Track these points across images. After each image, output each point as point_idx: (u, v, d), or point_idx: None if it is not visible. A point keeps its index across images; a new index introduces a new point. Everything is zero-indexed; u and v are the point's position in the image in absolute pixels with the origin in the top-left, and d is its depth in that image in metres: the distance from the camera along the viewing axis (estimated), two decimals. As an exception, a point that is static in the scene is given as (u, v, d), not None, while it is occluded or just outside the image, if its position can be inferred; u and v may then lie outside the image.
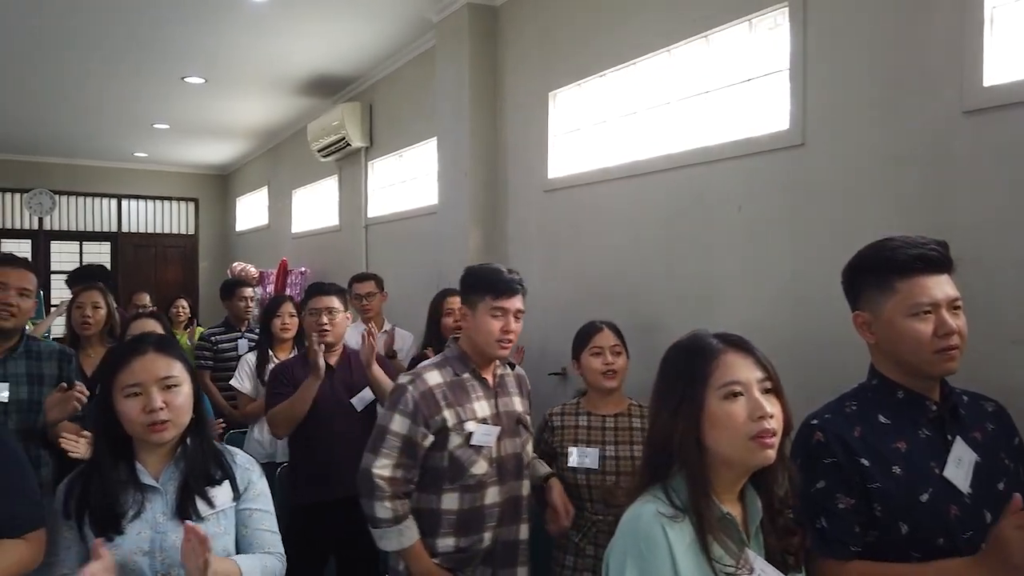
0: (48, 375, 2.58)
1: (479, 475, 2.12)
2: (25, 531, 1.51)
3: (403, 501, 2.08)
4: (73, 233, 9.78)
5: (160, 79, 5.87)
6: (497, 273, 2.17)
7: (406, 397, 2.09)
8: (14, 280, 2.48)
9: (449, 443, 2.10)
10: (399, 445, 2.06)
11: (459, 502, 2.12)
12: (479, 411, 2.16)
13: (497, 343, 2.15)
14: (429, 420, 2.08)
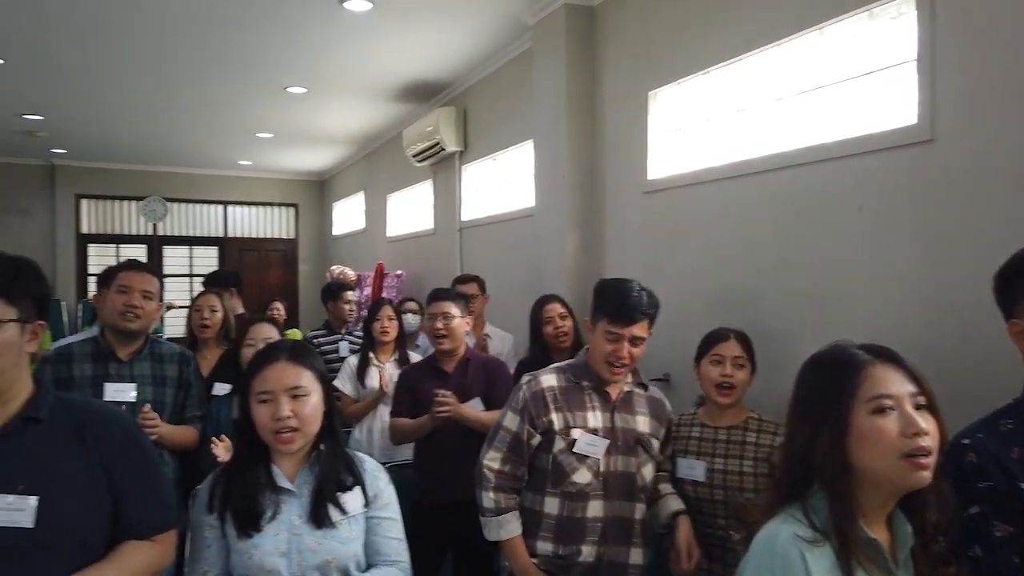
0: (170, 376, 2.70)
1: (581, 484, 2.10)
2: (156, 533, 1.55)
3: (508, 495, 2.14)
4: (184, 238, 10.32)
5: (264, 90, 6.10)
6: (621, 296, 2.11)
7: (520, 395, 2.18)
8: (137, 283, 2.60)
9: (554, 446, 2.11)
10: (508, 440, 2.14)
11: (559, 508, 2.11)
12: (590, 421, 2.14)
13: (607, 365, 2.13)
14: (536, 420, 2.13)
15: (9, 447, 1.42)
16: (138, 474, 1.54)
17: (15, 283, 1.43)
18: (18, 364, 1.45)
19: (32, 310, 1.46)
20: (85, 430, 1.49)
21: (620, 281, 2.18)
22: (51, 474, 1.42)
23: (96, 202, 9.87)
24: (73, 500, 1.43)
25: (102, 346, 2.60)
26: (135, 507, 1.51)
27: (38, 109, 6.80)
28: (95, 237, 9.86)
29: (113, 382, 2.56)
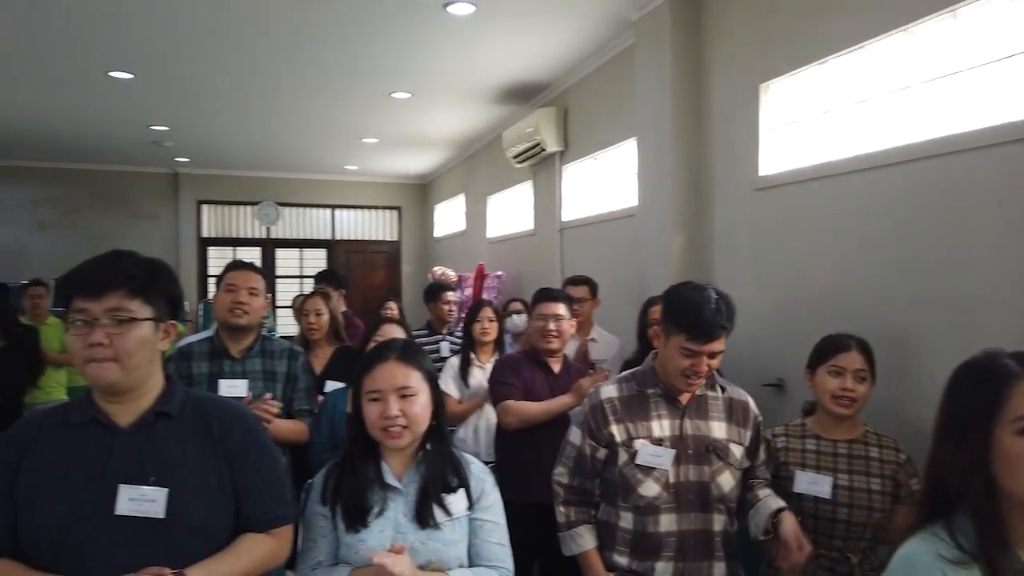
0: (279, 372, 2.77)
1: (649, 497, 2.01)
2: (274, 527, 1.59)
3: (579, 508, 2.11)
4: (294, 241, 10.77)
5: (370, 96, 6.26)
6: (698, 310, 1.95)
7: (583, 410, 2.15)
8: (242, 281, 2.70)
9: (618, 459, 2.04)
10: (574, 455, 2.12)
11: (632, 522, 2.03)
12: (655, 430, 2.04)
13: (683, 379, 2.02)
14: (596, 433, 2.07)
15: (142, 441, 1.48)
16: (259, 470, 1.59)
17: (151, 284, 1.49)
18: (152, 361, 1.52)
19: (165, 310, 1.53)
20: (212, 426, 1.55)
21: (695, 290, 2.01)
22: (180, 468, 1.49)
23: (215, 207, 10.46)
24: (200, 493, 1.49)
25: (217, 344, 2.71)
26: (256, 502, 1.56)
27: (164, 121, 7.26)
28: (214, 240, 10.46)
29: (227, 378, 2.66)
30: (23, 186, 9.59)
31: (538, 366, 2.97)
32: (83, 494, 1.41)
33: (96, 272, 1.46)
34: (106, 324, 1.43)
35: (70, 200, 9.78)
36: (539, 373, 2.89)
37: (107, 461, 1.44)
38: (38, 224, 9.68)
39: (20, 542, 1.40)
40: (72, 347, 1.46)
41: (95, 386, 1.48)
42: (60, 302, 1.51)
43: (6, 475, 1.42)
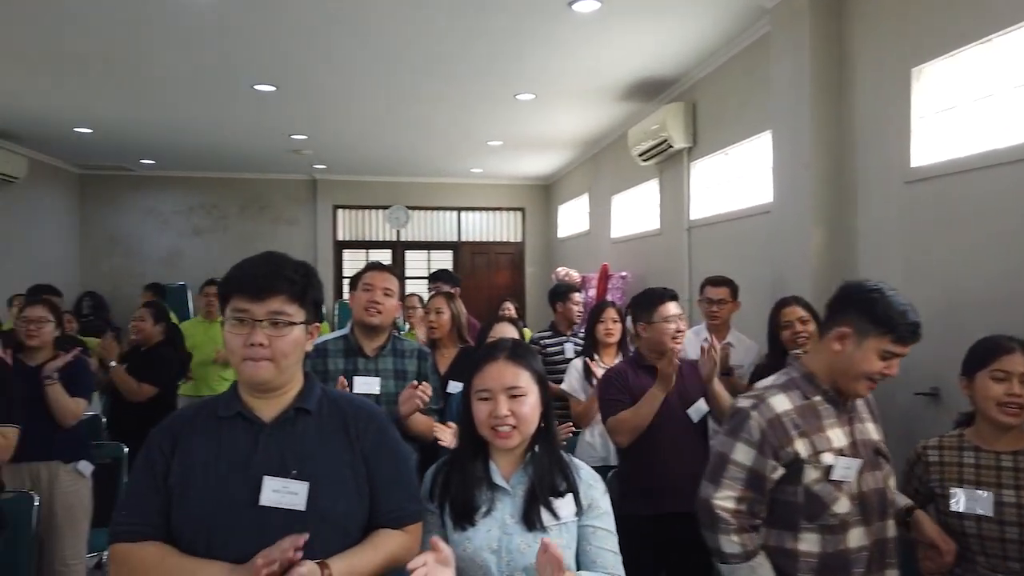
0: (409, 371, 2.83)
1: (841, 514, 1.83)
2: (406, 523, 1.61)
3: (751, 535, 1.87)
4: (423, 243, 11.10)
5: (496, 99, 6.32)
6: (905, 313, 1.82)
7: (750, 424, 1.88)
8: (379, 282, 2.77)
9: (804, 477, 1.84)
10: (743, 477, 1.87)
11: (820, 544, 1.84)
12: (834, 440, 1.87)
13: (867, 383, 1.86)
14: (779, 452, 1.84)
15: (284, 435, 1.54)
16: (392, 467, 1.62)
17: (307, 289, 1.56)
18: (299, 360, 1.59)
19: (313, 313, 1.59)
20: (348, 423, 1.60)
21: (887, 290, 1.87)
22: (319, 462, 1.53)
23: (350, 211, 10.94)
24: (338, 487, 1.53)
25: (351, 342, 2.80)
26: (389, 498, 1.59)
27: (303, 130, 7.66)
28: (349, 244, 10.95)
29: (360, 375, 2.74)
30: (180, 195, 10.43)
31: (647, 372, 2.84)
32: (230, 484, 1.48)
33: (259, 275, 1.52)
34: (266, 326, 1.49)
35: (221, 207, 10.54)
36: (650, 380, 2.75)
37: (251, 453, 1.50)
38: (194, 229, 10.50)
39: (172, 527, 1.48)
40: (230, 345, 1.52)
41: (248, 383, 1.54)
42: (220, 300, 1.57)
43: (160, 463, 1.51)
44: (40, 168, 8.84)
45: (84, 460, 3.31)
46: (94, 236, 10.26)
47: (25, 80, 5.75)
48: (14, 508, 2.74)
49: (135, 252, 10.32)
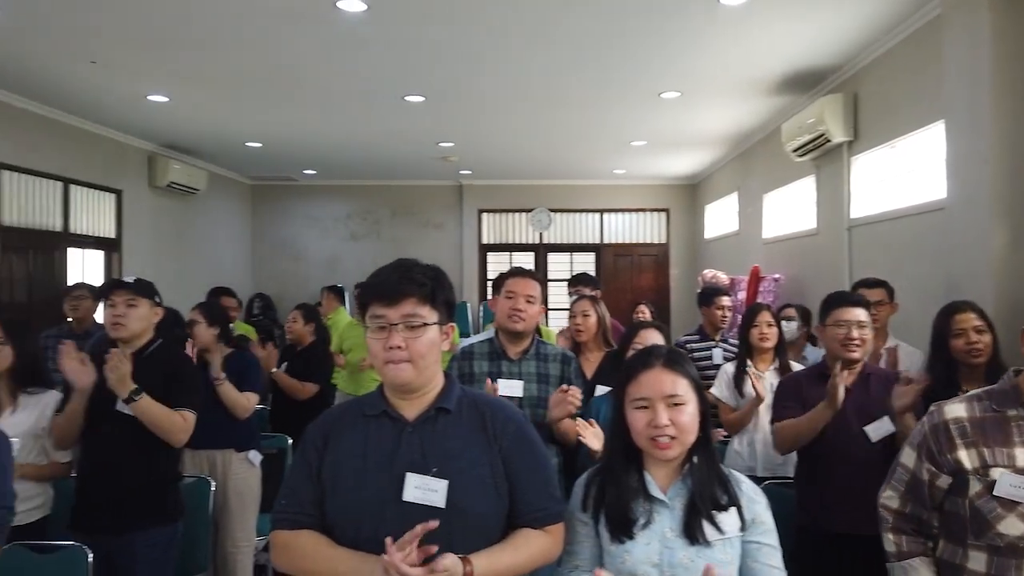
0: (552, 375, 2.83)
1: (1011, 537, 1.68)
2: (547, 524, 1.62)
3: (913, 538, 1.85)
4: (565, 246, 11.12)
5: (640, 99, 6.22)
6: None
7: (919, 428, 1.90)
8: (521, 289, 2.78)
9: (968, 489, 1.73)
10: (906, 480, 1.88)
11: (986, 564, 1.71)
12: (1019, 458, 1.70)
13: None
14: (938, 458, 1.79)
15: (425, 433, 1.59)
16: (532, 468, 1.63)
17: (437, 291, 1.61)
18: (436, 360, 1.64)
19: (445, 314, 1.64)
20: (487, 422, 1.62)
21: None
22: (459, 460, 1.57)
23: (494, 215, 11.18)
24: (477, 486, 1.56)
25: (496, 346, 2.84)
26: (529, 498, 1.60)
27: (450, 138, 7.91)
28: (493, 247, 11.18)
29: (504, 378, 2.78)
30: (338, 202, 11.09)
31: (824, 383, 2.68)
32: (376, 480, 1.54)
33: (391, 281, 1.58)
34: (401, 329, 1.55)
35: (374, 213, 11.10)
36: (820, 391, 2.56)
37: (395, 451, 1.56)
38: (351, 235, 11.13)
39: (326, 518, 1.57)
40: (372, 349, 1.60)
41: (391, 385, 1.61)
42: (360, 309, 1.66)
43: (314, 458, 1.60)
44: (218, 180, 9.71)
45: (254, 450, 3.58)
46: (264, 242, 11.14)
47: (205, 102, 6.33)
48: (193, 491, 3.02)
49: (299, 256, 11.09)
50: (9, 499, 2.01)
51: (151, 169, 8.15)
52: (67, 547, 2.41)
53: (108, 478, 2.63)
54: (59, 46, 4.86)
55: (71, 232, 6.98)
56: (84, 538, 2.48)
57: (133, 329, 2.70)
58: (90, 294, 4.87)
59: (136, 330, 2.71)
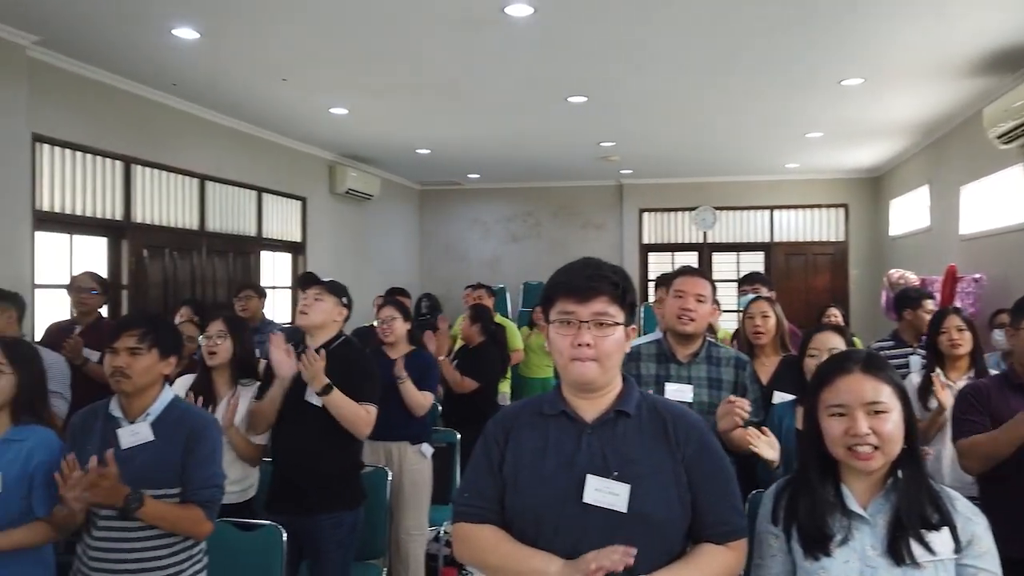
0: (725, 380, 2.70)
1: None
2: (730, 539, 1.55)
3: None
4: (731, 245, 10.70)
5: (817, 87, 5.85)
6: None
7: None
8: (690, 288, 2.68)
9: None
10: None
11: None
12: None
13: None
14: None
15: (605, 436, 1.56)
16: (716, 478, 1.57)
17: (627, 291, 1.59)
18: (620, 362, 1.60)
19: (629, 315, 1.61)
20: (668, 428, 1.58)
21: None
22: (640, 465, 1.53)
23: (655, 214, 10.97)
24: (659, 492, 1.52)
25: (664, 348, 2.75)
26: (712, 511, 1.54)
27: (612, 137, 7.85)
28: (654, 247, 10.97)
29: (673, 382, 2.69)
30: (500, 204, 11.35)
31: (1017, 392, 2.39)
32: (556, 479, 1.53)
33: (582, 278, 1.57)
34: (591, 327, 1.54)
35: (535, 214, 11.25)
36: (1019, 402, 2.32)
37: (575, 452, 1.55)
38: (511, 237, 11.35)
39: (506, 514, 1.58)
40: (557, 345, 1.58)
41: (574, 383, 1.59)
42: (544, 303, 1.65)
43: (495, 453, 1.62)
44: (389, 186, 10.25)
45: (426, 443, 3.73)
46: (431, 244, 11.62)
47: (381, 112, 6.69)
48: (372, 480, 3.18)
49: (464, 258, 11.46)
50: (219, 479, 2.20)
51: (331, 177, 8.76)
52: (265, 526, 2.61)
53: (300, 464, 2.83)
54: (253, 65, 5.32)
55: (263, 237, 7.64)
56: (278, 518, 2.68)
57: (314, 320, 2.90)
58: (256, 294, 5.31)
59: (316, 321, 2.91)
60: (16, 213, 4.59)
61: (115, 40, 4.72)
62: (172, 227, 6.30)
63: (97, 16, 4.32)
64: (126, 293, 5.81)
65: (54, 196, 5.13)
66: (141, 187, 5.94)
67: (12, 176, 4.55)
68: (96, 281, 4.26)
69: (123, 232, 5.78)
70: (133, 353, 2.13)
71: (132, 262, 5.82)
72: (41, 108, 4.84)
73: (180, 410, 2.23)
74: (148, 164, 5.98)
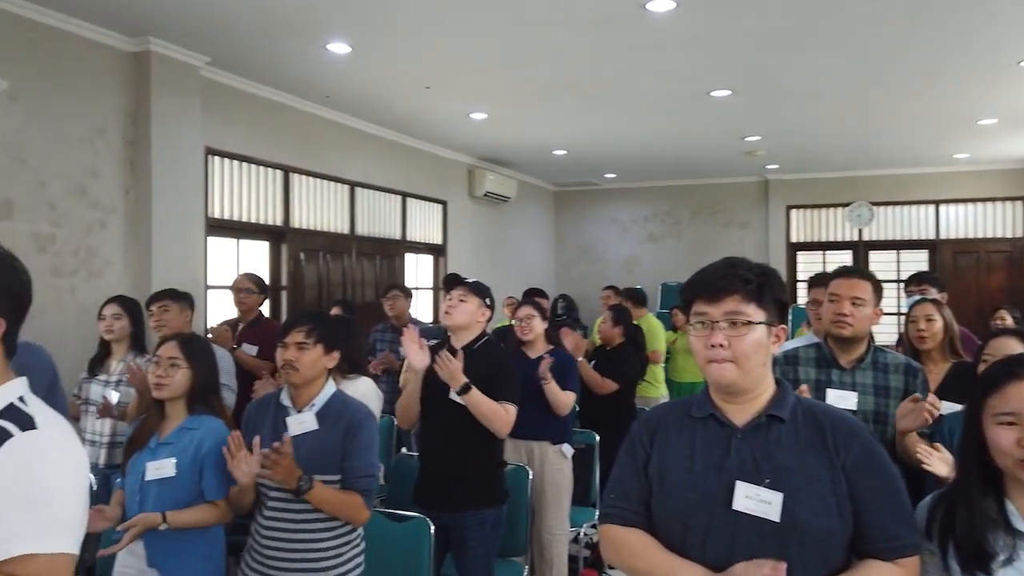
0: (893, 387, 2.53)
1: None
2: (900, 556, 1.44)
3: None
4: (890, 243, 9.97)
5: (990, 70, 5.35)
6: None
7: None
8: (846, 290, 2.52)
9: None
10: None
11: None
12: None
13: None
14: None
15: (756, 442, 1.50)
16: (883, 489, 1.46)
17: (764, 289, 1.52)
18: (765, 364, 1.54)
19: (776, 314, 1.53)
20: (827, 436, 1.49)
21: None
22: (794, 473, 1.45)
23: (804, 211, 10.42)
24: (816, 503, 1.44)
25: (824, 352, 2.60)
26: (880, 525, 1.44)
27: (757, 131, 7.54)
28: (803, 245, 10.43)
29: (835, 389, 2.54)
30: (638, 204, 11.19)
31: None
32: (704, 484, 1.49)
33: (714, 277, 1.53)
34: (724, 327, 1.49)
35: (674, 213, 11.01)
36: None
37: (724, 457, 1.49)
38: (649, 236, 11.17)
39: (653, 517, 1.55)
40: (695, 347, 1.56)
41: (714, 385, 1.55)
42: (682, 305, 1.63)
43: (641, 455, 1.59)
44: (526, 188, 10.36)
45: (566, 443, 3.71)
46: (567, 245, 11.65)
47: (519, 115, 6.78)
48: (514, 478, 3.21)
49: (599, 258, 11.40)
50: (375, 468, 2.31)
51: (470, 181, 8.99)
52: (414, 518, 2.71)
53: (444, 460, 2.90)
54: (399, 75, 5.54)
55: (407, 240, 7.94)
56: (424, 511, 2.76)
57: (459, 320, 2.96)
58: (402, 294, 5.48)
59: (461, 322, 2.96)
60: (192, 220, 5.03)
61: (275, 57, 5.07)
62: (325, 231, 6.69)
63: (260, 36, 4.66)
64: (285, 293, 6.22)
65: (223, 204, 5.58)
66: (298, 194, 6.36)
67: (189, 187, 5.00)
68: (253, 282, 4.56)
69: (283, 236, 6.20)
70: (301, 347, 2.30)
71: (290, 264, 6.24)
72: (211, 123, 5.28)
73: (341, 402, 2.37)
74: (304, 172, 6.39)
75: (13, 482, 1.24)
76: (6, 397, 1.32)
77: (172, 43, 4.74)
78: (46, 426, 1.31)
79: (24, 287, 1.36)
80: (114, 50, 4.62)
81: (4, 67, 4.01)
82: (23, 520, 1.22)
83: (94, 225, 4.51)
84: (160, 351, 2.37)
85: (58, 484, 1.28)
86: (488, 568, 2.89)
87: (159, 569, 2.21)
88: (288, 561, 2.23)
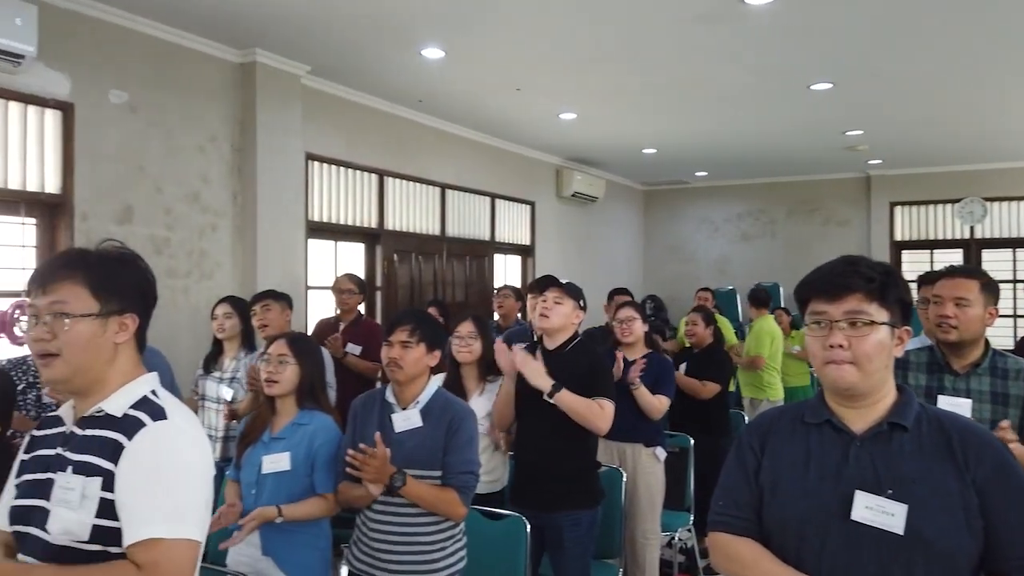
0: (1013, 395, 2.37)
1: None
2: None
3: None
4: (1006, 240, 9.34)
5: (1125, 51, 4.93)
6: None
7: None
8: (948, 291, 2.39)
9: None
10: None
11: None
12: None
13: None
14: None
15: (877, 450, 1.44)
16: (1018, 504, 1.38)
17: (887, 288, 1.46)
18: (887, 367, 1.48)
19: (899, 316, 1.47)
20: (954, 445, 1.42)
21: None
22: (919, 485, 1.39)
23: (909, 208, 9.89)
24: (944, 517, 1.37)
25: (937, 356, 2.47)
26: (1014, 542, 1.35)
27: (860, 125, 7.22)
28: (908, 244, 9.91)
29: (947, 395, 2.41)
30: (729, 203, 10.91)
31: None
32: (820, 493, 1.43)
33: (833, 275, 1.48)
34: (844, 327, 1.43)
35: (769, 212, 10.67)
36: None
37: (842, 465, 1.44)
38: (742, 235, 10.87)
39: (764, 526, 1.49)
40: (811, 349, 1.50)
41: (832, 388, 1.49)
42: (798, 305, 1.57)
43: (751, 461, 1.54)
44: (614, 188, 10.27)
45: (660, 447, 3.67)
46: (655, 245, 11.48)
47: (608, 114, 6.73)
48: (608, 480, 3.19)
49: (689, 258, 11.18)
50: (474, 466, 2.35)
51: (558, 181, 8.99)
52: (511, 516, 2.73)
53: (539, 461, 2.91)
54: (490, 78, 5.59)
55: (496, 240, 8.02)
56: (520, 511, 2.78)
57: (554, 323, 2.97)
58: (512, 294, 5.51)
59: (556, 324, 2.97)
60: (294, 223, 5.25)
61: (372, 64, 5.22)
62: (418, 233, 6.84)
63: (358, 45, 4.81)
64: (379, 294, 6.40)
65: (322, 207, 5.79)
66: (392, 197, 6.52)
67: (291, 190, 5.21)
68: (354, 283, 4.71)
69: (377, 238, 6.38)
70: (405, 346, 2.36)
71: (385, 265, 6.41)
72: (311, 129, 5.48)
73: (443, 399, 2.42)
74: (398, 176, 6.55)
75: (145, 469, 1.33)
76: (140, 390, 1.43)
77: (276, 53, 4.95)
78: (176, 417, 1.41)
79: (151, 286, 1.48)
80: (223, 62, 4.87)
81: (125, 80, 4.30)
82: (152, 506, 1.31)
83: (205, 229, 4.77)
84: (271, 349, 2.49)
85: (185, 472, 1.36)
86: (585, 569, 2.89)
87: (273, 558, 2.32)
88: (394, 552, 2.30)
